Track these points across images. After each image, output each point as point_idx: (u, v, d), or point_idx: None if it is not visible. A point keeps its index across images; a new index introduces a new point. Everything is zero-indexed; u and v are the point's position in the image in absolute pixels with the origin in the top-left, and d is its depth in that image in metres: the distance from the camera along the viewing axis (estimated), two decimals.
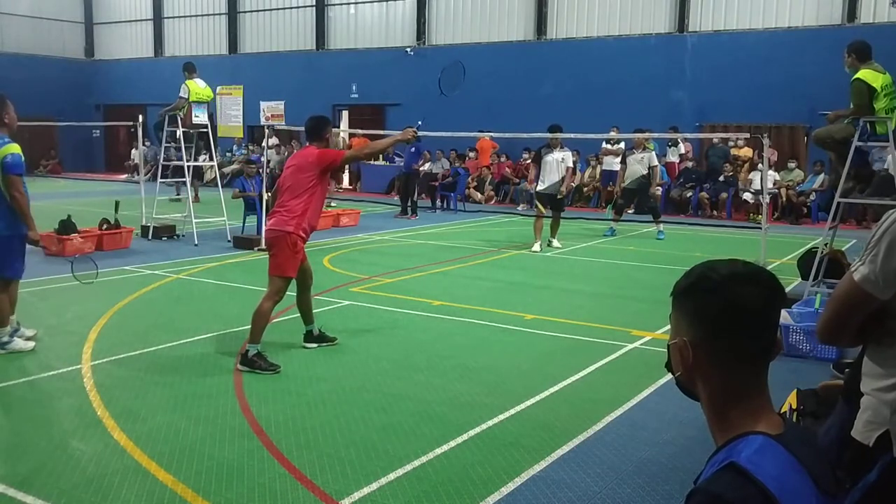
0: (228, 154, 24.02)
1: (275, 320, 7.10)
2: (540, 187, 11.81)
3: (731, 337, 1.43)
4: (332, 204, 16.60)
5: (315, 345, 6.30)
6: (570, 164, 11.94)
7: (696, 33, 19.22)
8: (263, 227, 10.30)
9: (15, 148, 5.84)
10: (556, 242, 12.07)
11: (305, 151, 6.17)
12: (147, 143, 15.19)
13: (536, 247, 11.68)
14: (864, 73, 6.70)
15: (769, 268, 1.64)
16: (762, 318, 1.43)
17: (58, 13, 29.47)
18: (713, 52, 18.80)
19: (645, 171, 13.17)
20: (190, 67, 12.20)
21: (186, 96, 11.95)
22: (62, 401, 5.04)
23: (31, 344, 6.10)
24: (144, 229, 12.24)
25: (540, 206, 11.86)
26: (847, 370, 4.90)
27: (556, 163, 11.60)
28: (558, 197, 11.77)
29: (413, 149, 16.29)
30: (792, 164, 17.02)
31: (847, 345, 2.29)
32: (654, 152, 13.64)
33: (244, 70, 26.24)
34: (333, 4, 24.92)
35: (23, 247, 6.02)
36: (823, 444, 2.18)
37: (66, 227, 10.58)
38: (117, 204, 11.42)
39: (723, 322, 1.42)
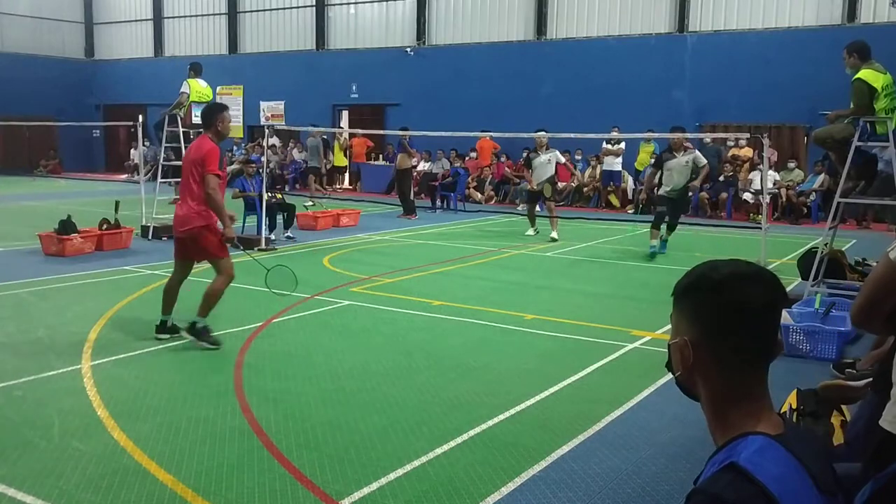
0: (228, 154, 24.01)
1: (275, 320, 7.11)
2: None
3: (732, 336, 1.42)
4: (309, 204, 16.55)
5: (167, 335, 6.33)
6: (562, 161, 13.31)
7: (696, 33, 19.21)
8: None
9: None
10: (553, 234, 12.75)
11: (203, 143, 6.16)
12: (147, 143, 15.20)
13: (531, 231, 13.23)
14: (865, 74, 6.71)
15: (769, 268, 1.63)
16: (764, 317, 1.43)
17: (58, 13, 29.47)
18: (713, 52, 18.79)
19: (688, 176, 11.16)
20: (196, 68, 12.41)
21: (188, 92, 12.05)
22: (62, 401, 5.04)
23: None
24: (144, 229, 12.23)
25: (529, 204, 13.59)
26: (847, 370, 4.89)
27: (544, 164, 12.86)
28: (545, 189, 12.81)
29: (409, 139, 16.17)
30: (792, 164, 17.02)
31: (878, 330, 2.30)
32: (697, 150, 11.74)
33: (244, 70, 26.27)
34: (333, 4, 24.92)
35: None
36: (851, 435, 2.17)
37: (66, 227, 10.56)
38: (117, 204, 11.41)
39: (724, 321, 1.42)
